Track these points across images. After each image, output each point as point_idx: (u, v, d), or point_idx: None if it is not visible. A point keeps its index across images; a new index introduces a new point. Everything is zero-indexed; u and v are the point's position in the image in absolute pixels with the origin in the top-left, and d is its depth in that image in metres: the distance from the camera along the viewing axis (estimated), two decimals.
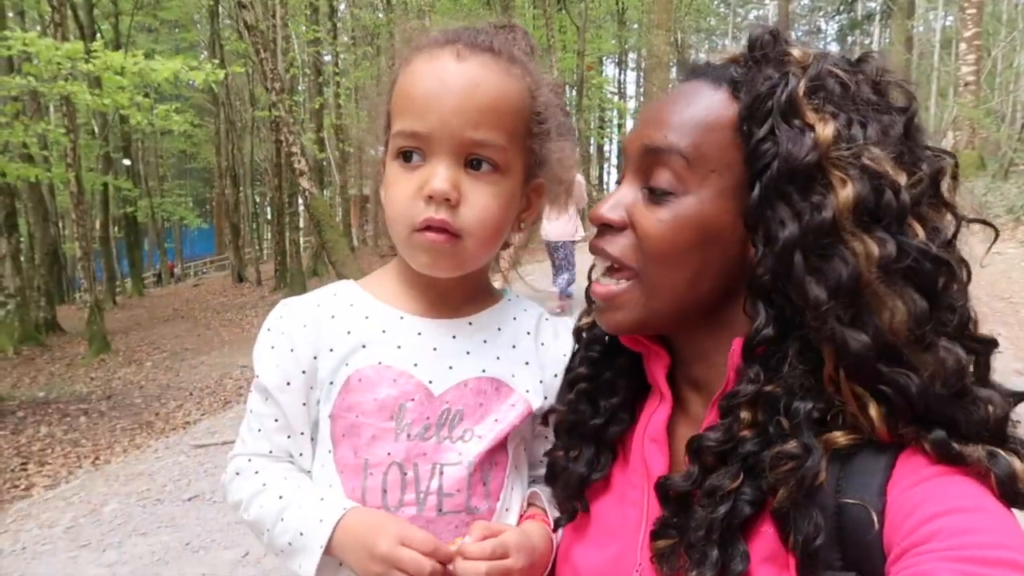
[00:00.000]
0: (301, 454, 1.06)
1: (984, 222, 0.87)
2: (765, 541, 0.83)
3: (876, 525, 0.75)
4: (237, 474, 1.07)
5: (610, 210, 0.94)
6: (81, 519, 5.45)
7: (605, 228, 0.95)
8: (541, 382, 1.07)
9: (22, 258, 17.86)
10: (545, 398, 1.08)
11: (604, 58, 40.53)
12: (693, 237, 0.88)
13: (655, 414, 0.98)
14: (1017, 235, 13.95)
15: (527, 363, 1.08)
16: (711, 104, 0.90)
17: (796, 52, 0.89)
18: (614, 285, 0.94)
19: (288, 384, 1.03)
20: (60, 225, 27.72)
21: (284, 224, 21.57)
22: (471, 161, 0.97)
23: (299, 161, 11.41)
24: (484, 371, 1.04)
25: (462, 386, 1.02)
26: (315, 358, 1.03)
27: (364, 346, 1.02)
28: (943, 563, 0.68)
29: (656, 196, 0.90)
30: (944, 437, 0.77)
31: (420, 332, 1.04)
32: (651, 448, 0.97)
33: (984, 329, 0.85)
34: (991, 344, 0.84)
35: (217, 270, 40.26)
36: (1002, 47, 22.45)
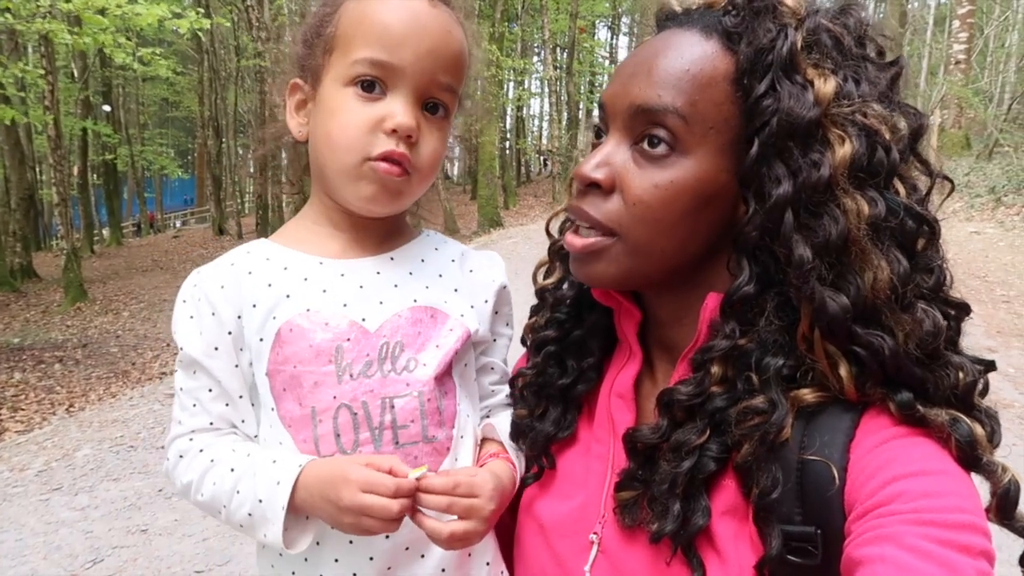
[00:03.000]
0: (243, 420, 1.03)
1: (945, 177, 0.87)
2: (727, 495, 0.85)
3: (837, 482, 0.76)
4: (181, 457, 1.03)
5: (596, 169, 0.89)
6: (54, 463, 5.46)
7: (589, 188, 0.91)
8: (472, 307, 1.08)
9: None
10: (479, 324, 1.09)
11: (597, 21, 40.03)
12: (690, 201, 0.85)
13: (623, 370, 0.98)
14: (997, 215, 14.10)
15: (456, 290, 1.08)
16: (704, 56, 0.85)
17: (790, 2, 0.86)
18: (594, 237, 0.90)
19: (216, 349, 1.00)
20: (37, 170, 27.20)
21: (267, 177, 21.31)
22: (428, 104, 1.00)
23: (283, 113, 11.15)
24: (416, 300, 1.04)
25: (396, 318, 1.01)
26: (239, 317, 1.00)
27: (288, 296, 1.00)
28: (907, 526, 0.69)
29: (651, 158, 0.86)
30: (910, 399, 0.77)
31: (343, 273, 1.03)
32: (617, 403, 0.97)
33: None
34: (964, 309, 0.84)
35: (198, 222, 39.87)
36: (995, 26, 22.40)
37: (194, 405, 1.02)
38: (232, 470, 0.97)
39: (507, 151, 32.07)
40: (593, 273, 0.93)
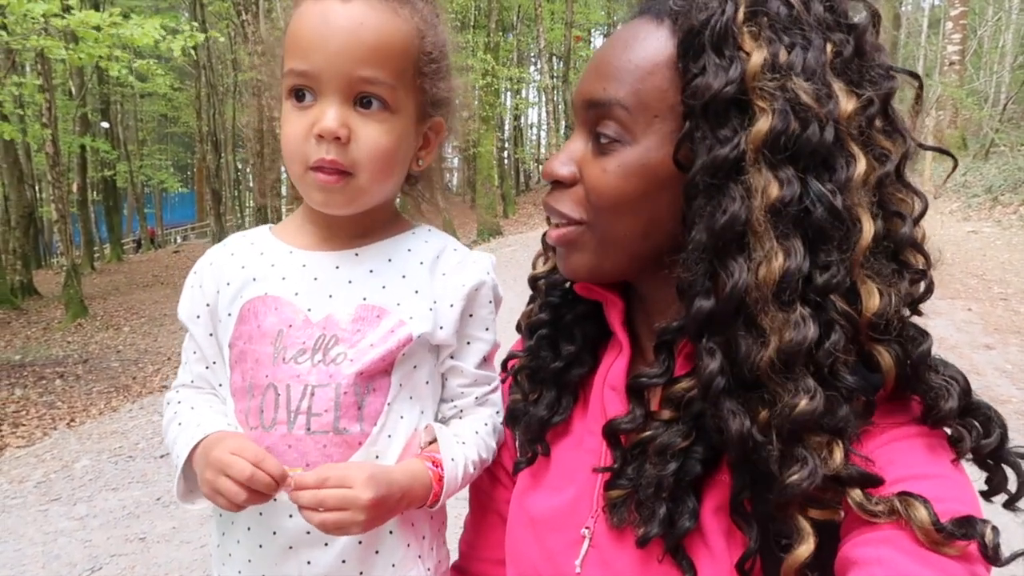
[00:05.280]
0: (221, 384, 1.12)
1: (940, 150, 0.85)
2: (722, 490, 0.83)
3: None
4: (167, 404, 1.15)
5: (561, 165, 0.91)
6: (52, 475, 5.47)
7: (556, 184, 0.93)
8: (431, 310, 1.08)
9: None
10: (441, 327, 1.08)
11: (593, 29, 40.17)
12: (640, 186, 0.85)
13: (615, 363, 0.97)
14: (994, 215, 14.11)
15: (417, 291, 1.09)
16: (650, 44, 0.85)
17: None
18: (565, 228, 0.93)
19: (198, 317, 1.11)
20: (36, 188, 27.29)
21: (266, 190, 21.35)
22: (361, 100, 0.99)
23: (280, 127, 11.18)
24: (365, 299, 1.07)
25: (340, 312, 1.05)
26: (217, 292, 1.10)
27: (255, 279, 1.08)
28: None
29: (602, 147, 0.87)
30: None
31: (305, 264, 1.09)
32: (610, 396, 0.96)
33: (957, 305, 0.83)
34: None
35: (198, 237, 39.93)
36: (988, 27, 22.47)
37: (185, 363, 1.16)
38: (179, 424, 1.08)
39: (505, 160, 32.15)
40: (570, 266, 0.95)
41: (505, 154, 32.32)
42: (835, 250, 0.75)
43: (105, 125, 28.54)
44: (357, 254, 1.09)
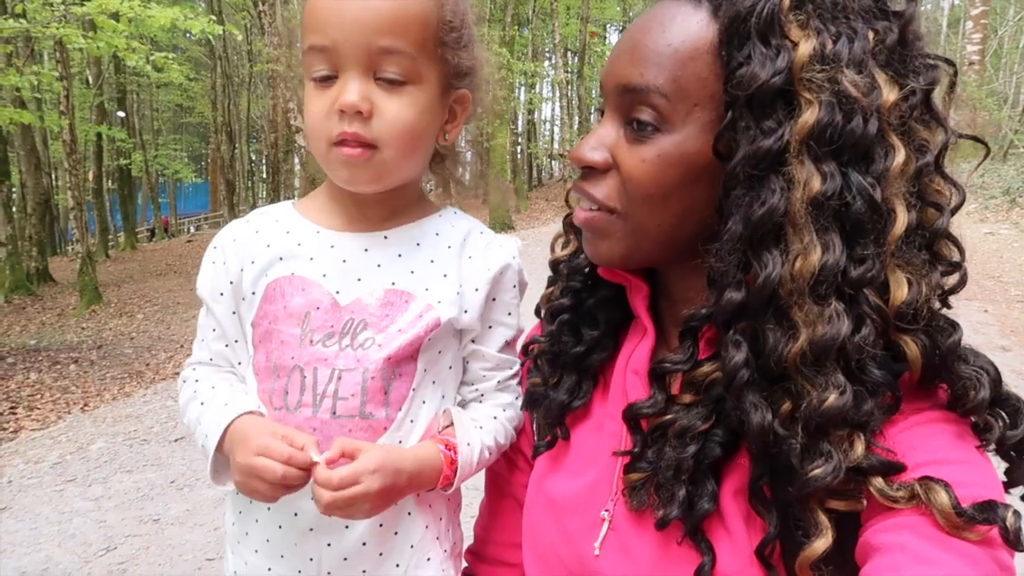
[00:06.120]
0: (240, 363, 1.11)
1: (975, 138, 0.84)
2: (742, 473, 0.83)
3: None
4: (184, 382, 1.14)
5: (592, 151, 0.89)
6: (68, 456, 5.53)
7: (588, 170, 0.91)
8: (459, 293, 1.07)
9: (14, 207, 17.76)
10: (466, 311, 1.08)
11: (608, 25, 40.04)
12: (678, 176, 0.84)
13: (638, 347, 0.96)
14: (1012, 216, 13.98)
15: (445, 275, 1.08)
16: (689, 28, 0.82)
17: None
18: (595, 212, 0.91)
19: (221, 295, 1.10)
20: (53, 175, 27.52)
21: (279, 182, 21.48)
22: (382, 73, 0.98)
23: (295, 118, 11.32)
24: (394, 283, 1.06)
25: (368, 297, 1.05)
26: (241, 270, 1.08)
27: (281, 258, 1.07)
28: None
29: (638, 135, 0.85)
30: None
31: (333, 245, 1.07)
32: (632, 380, 0.95)
33: (973, 307, 0.82)
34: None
35: (211, 227, 40.10)
36: (1009, 27, 22.25)
37: (202, 340, 1.13)
38: (202, 404, 1.07)
39: (519, 155, 32.11)
40: (599, 252, 0.93)
41: (518, 149, 32.29)
42: (871, 244, 0.75)
43: (121, 114, 28.72)
44: (386, 237, 1.08)
